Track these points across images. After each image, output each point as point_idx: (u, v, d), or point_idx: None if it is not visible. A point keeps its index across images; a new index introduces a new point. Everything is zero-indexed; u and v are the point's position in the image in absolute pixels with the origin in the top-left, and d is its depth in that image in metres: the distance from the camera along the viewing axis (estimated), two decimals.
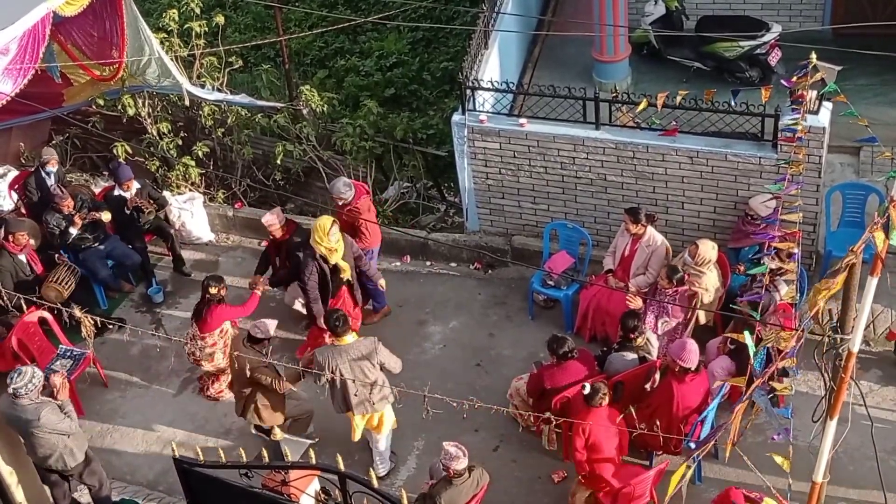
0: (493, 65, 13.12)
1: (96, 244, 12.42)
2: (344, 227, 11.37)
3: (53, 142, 14.52)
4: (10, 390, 9.09)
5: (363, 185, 12.36)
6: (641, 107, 10.90)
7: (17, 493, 9.93)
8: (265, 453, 8.39)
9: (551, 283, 11.73)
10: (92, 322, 9.75)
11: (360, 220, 11.65)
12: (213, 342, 10.91)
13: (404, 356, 11.13)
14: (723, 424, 5.84)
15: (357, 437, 9.98)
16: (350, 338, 9.66)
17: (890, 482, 9.43)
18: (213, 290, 10.79)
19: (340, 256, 10.94)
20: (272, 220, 11.57)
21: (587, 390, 9.10)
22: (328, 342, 10.09)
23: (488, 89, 12.11)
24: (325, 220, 10.86)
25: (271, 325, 10.17)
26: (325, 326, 10.38)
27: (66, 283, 11.87)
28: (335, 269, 11.00)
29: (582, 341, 11.15)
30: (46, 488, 9.82)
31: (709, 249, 10.67)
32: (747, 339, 5.83)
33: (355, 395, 9.64)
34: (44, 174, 12.75)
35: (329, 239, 10.75)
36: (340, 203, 11.67)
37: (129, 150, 13.69)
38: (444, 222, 13.43)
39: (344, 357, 9.53)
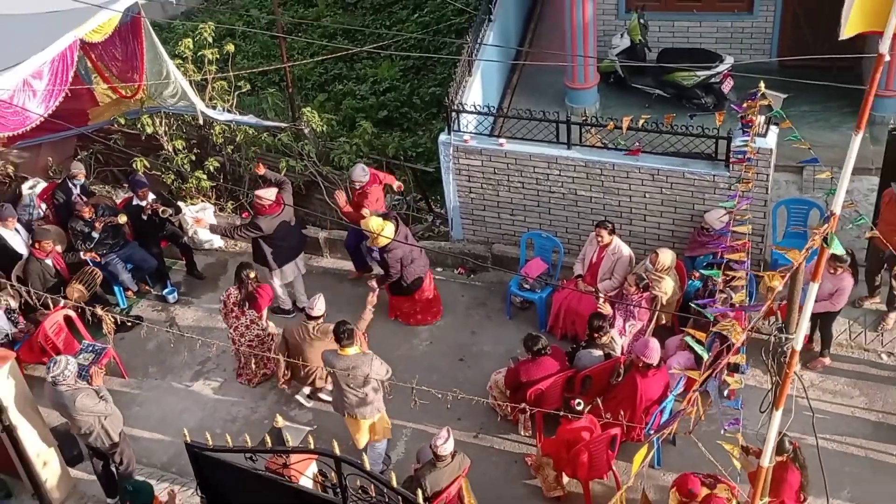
0: (476, 90, 13.14)
1: (117, 249, 12.40)
2: (355, 208, 11.89)
3: (79, 157, 14.47)
4: (49, 378, 9.10)
5: (379, 173, 12.54)
6: (609, 129, 10.95)
7: (44, 472, 9.93)
8: (268, 439, 8.34)
9: (527, 286, 11.74)
10: (112, 320, 9.74)
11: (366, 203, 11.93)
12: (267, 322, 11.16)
13: (395, 352, 11.16)
14: (679, 412, 5.84)
15: (362, 443, 9.86)
16: (352, 350, 9.53)
17: (829, 466, 9.49)
18: (252, 275, 10.96)
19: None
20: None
21: (580, 406, 9.15)
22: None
23: (471, 112, 12.12)
24: (377, 221, 11.20)
25: (322, 301, 10.34)
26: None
27: (90, 285, 11.84)
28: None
29: (554, 339, 11.15)
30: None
31: (667, 257, 10.71)
32: (693, 344, 5.86)
33: (347, 399, 9.60)
34: (70, 185, 12.75)
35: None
36: (357, 186, 12.02)
37: (147, 165, 13.69)
38: (432, 231, 13.42)
39: (341, 364, 9.49)
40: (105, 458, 9.75)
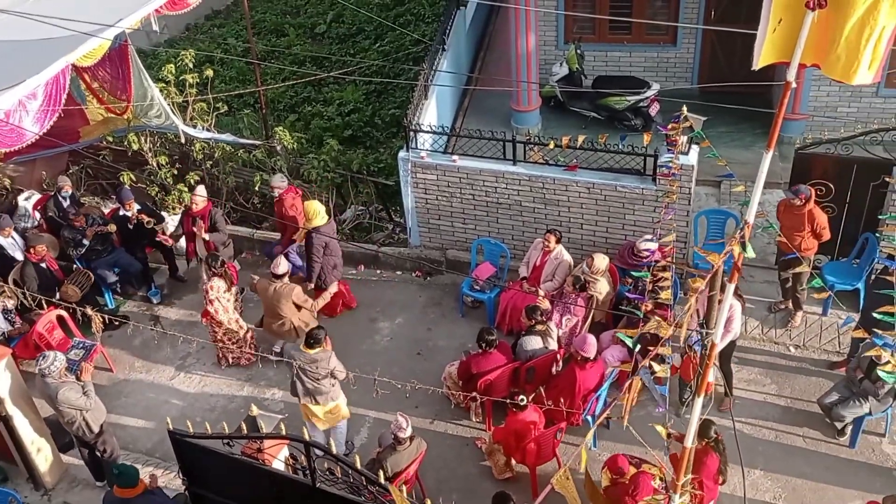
0: (432, 112, 13.14)
1: (105, 255, 12.25)
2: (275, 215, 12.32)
3: (70, 171, 14.24)
4: (38, 371, 8.95)
5: (294, 187, 12.73)
6: (549, 147, 11.00)
7: (38, 459, 9.77)
8: (244, 426, 8.26)
9: (477, 287, 11.74)
10: (101, 319, 9.60)
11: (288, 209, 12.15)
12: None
13: (360, 346, 11.12)
14: (614, 400, 5.88)
15: (320, 426, 9.79)
16: (316, 350, 9.44)
17: (744, 445, 9.63)
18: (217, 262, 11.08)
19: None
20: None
21: (523, 402, 9.17)
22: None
23: (427, 132, 12.12)
24: (317, 204, 11.36)
25: (283, 260, 10.75)
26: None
27: (82, 285, 11.69)
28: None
29: (501, 334, 11.17)
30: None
31: (602, 262, 10.77)
32: (625, 339, 5.90)
33: (304, 389, 9.54)
34: (60, 197, 12.59)
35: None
36: (276, 193, 12.22)
37: (133, 178, 13.53)
38: (392, 238, 13.38)
39: (303, 358, 9.43)
40: (90, 447, 9.59)
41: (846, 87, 13.28)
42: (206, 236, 11.90)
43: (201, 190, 12.17)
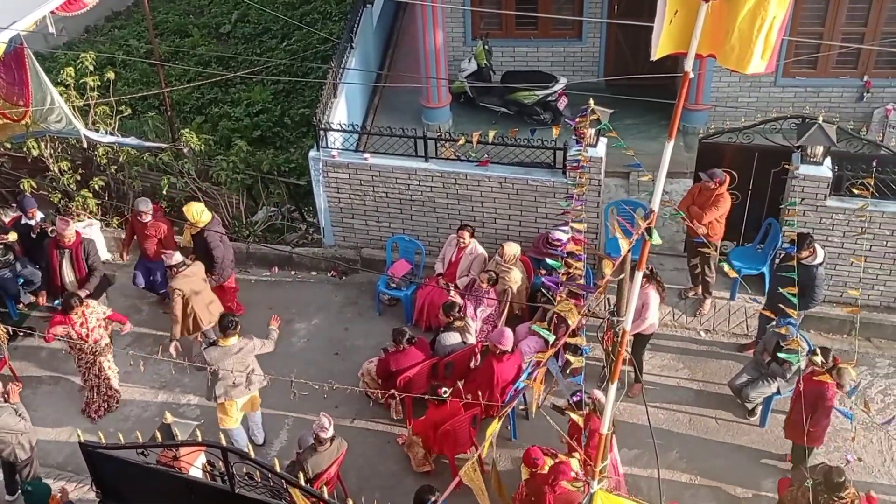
0: (342, 110, 13.09)
1: (8, 265, 11.83)
2: (143, 241, 11.78)
3: None
4: None
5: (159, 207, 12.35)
6: (460, 143, 11.07)
7: None
8: (158, 435, 8.11)
9: (394, 285, 11.76)
10: (4, 330, 9.31)
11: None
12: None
13: (275, 350, 10.99)
14: (524, 388, 5.96)
15: (237, 422, 9.75)
16: (233, 339, 9.44)
17: (660, 430, 9.88)
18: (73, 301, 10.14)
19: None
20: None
21: (445, 395, 9.28)
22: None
23: (338, 130, 12.08)
24: (197, 204, 11.36)
25: (177, 255, 10.48)
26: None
27: None
28: None
29: (420, 330, 11.21)
30: None
31: (513, 249, 10.92)
32: (540, 331, 5.99)
33: (234, 384, 9.45)
34: None
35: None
36: (144, 219, 11.55)
37: (35, 186, 13.14)
38: (306, 239, 13.28)
39: (226, 354, 9.34)
40: (11, 466, 9.28)
41: (746, 78, 13.70)
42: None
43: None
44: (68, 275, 11.17)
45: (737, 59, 4.64)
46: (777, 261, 10.63)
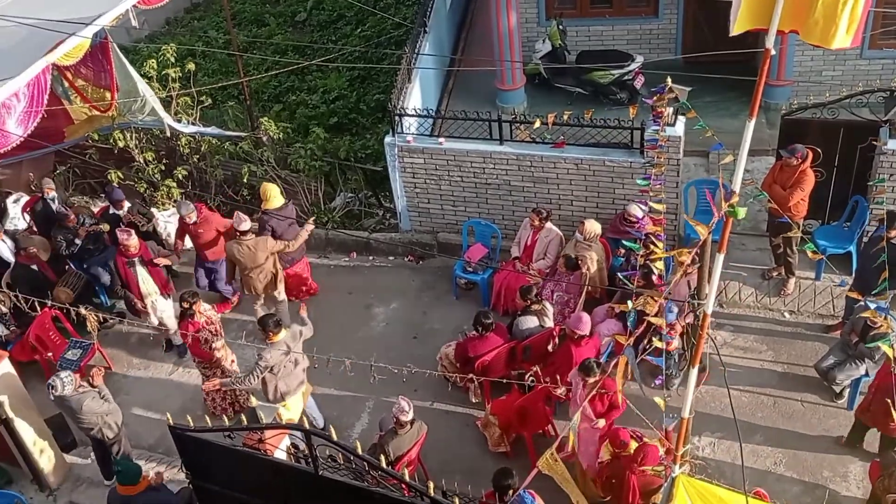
0: (416, 95, 13.12)
1: (98, 254, 12.22)
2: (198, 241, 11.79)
3: (57, 171, 14.21)
4: (54, 398, 9.00)
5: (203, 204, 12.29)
6: (536, 125, 11.01)
7: (41, 460, 9.81)
8: (244, 418, 8.29)
9: (470, 269, 11.77)
10: (96, 318, 9.61)
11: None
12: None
13: (355, 334, 11.14)
14: (603, 376, 5.92)
15: (297, 415, 9.69)
16: (282, 334, 9.33)
17: (743, 413, 9.71)
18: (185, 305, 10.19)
19: None
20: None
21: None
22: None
23: (413, 115, 12.12)
24: (273, 186, 11.64)
25: (245, 217, 10.87)
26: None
27: (75, 286, 11.68)
28: None
29: (497, 315, 11.20)
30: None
31: (594, 226, 10.82)
32: (622, 314, 5.92)
33: (284, 386, 9.43)
34: (48, 199, 12.56)
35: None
36: (189, 220, 11.45)
37: (121, 176, 13.51)
38: (383, 224, 13.40)
39: (277, 351, 9.25)
40: (103, 447, 9.63)
41: (829, 51, 13.27)
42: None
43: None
44: (146, 283, 11.12)
45: (821, 34, 4.50)
46: (865, 239, 10.33)
